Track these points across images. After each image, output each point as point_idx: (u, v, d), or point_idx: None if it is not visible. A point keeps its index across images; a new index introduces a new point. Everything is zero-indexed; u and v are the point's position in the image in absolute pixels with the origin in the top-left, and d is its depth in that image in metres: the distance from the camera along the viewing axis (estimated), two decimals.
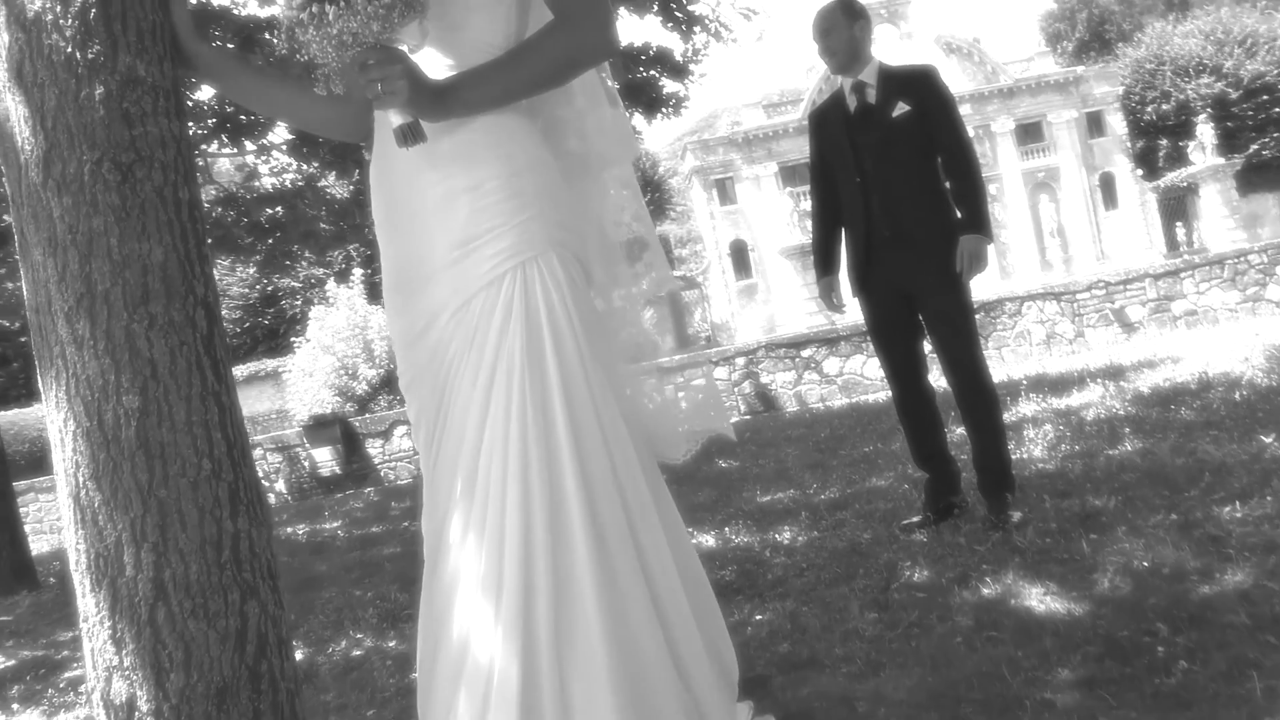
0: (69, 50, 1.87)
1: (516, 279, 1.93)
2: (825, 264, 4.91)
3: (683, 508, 2.22)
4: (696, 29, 7.61)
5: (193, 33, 2.07)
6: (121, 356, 1.84)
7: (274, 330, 45.00)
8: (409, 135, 1.83)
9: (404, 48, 1.86)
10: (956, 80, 48.67)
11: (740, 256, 51.23)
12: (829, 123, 4.85)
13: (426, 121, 1.85)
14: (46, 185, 1.87)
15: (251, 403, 37.72)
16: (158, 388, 1.86)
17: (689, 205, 58.72)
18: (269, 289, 45.37)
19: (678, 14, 6.89)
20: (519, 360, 1.91)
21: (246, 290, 45.76)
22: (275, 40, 1.85)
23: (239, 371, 40.66)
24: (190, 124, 3.45)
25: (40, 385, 1.93)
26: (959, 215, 4.51)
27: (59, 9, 1.87)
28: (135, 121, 1.90)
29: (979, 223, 4.47)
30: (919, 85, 4.60)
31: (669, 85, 9.20)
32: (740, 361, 15.41)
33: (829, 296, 4.91)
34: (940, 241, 4.50)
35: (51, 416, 1.91)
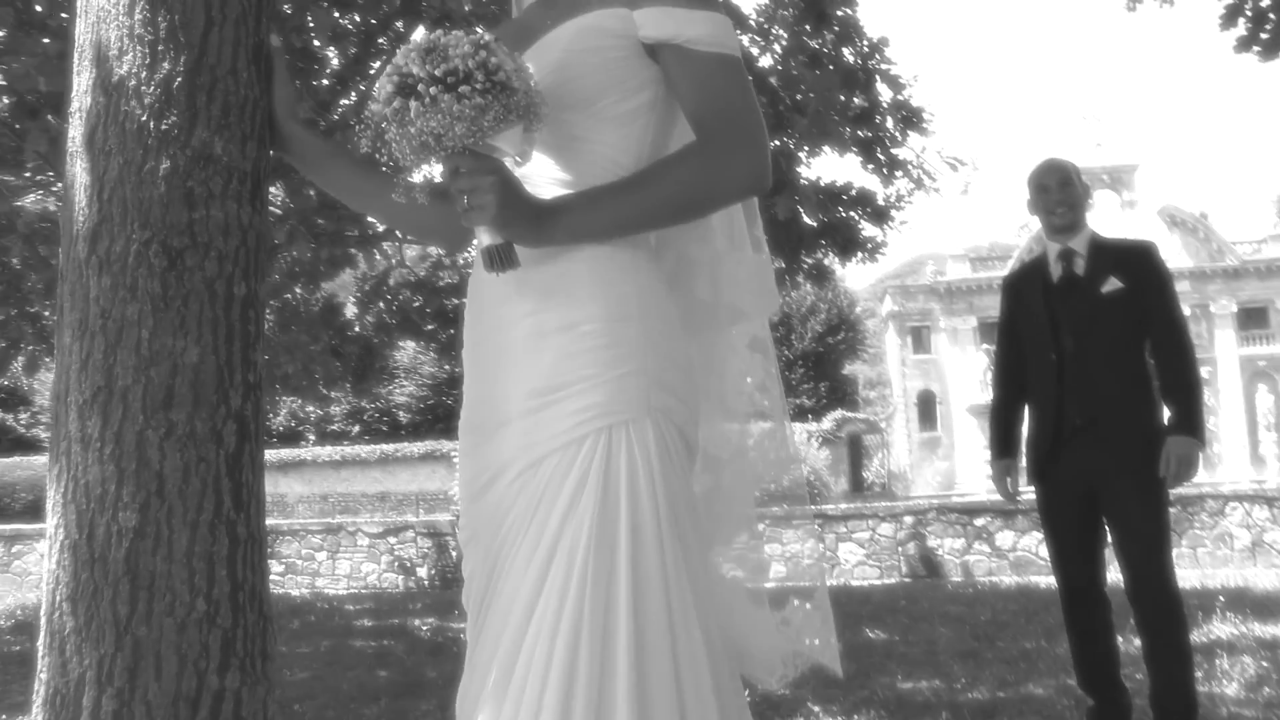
0: (143, 118, 1.68)
1: (599, 444, 1.57)
2: (1004, 445, 4.38)
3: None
4: (898, 174, 7.29)
5: (293, 113, 1.87)
6: (128, 465, 1.60)
7: (455, 411, 46.19)
8: (496, 259, 1.53)
9: (509, 159, 1.58)
10: (1178, 256, 46.50)
11: (927, 407, 49.74)
12: (1027, 290, 4.37)
13: (520, 245, 1.56)
14: (90, 262, 1.67)
15: (422, 480, 38.68)
16: (161, 506, 1.59)
17: (882, 348, 57.76)
18: (456, 371, 46.76)
19: (880, 156, 6.59)
20: (584, 544, 1.55)
21: (435, 370, 47.32)
22: (361, 140, 1.68)
23: (416, 448, 41.83)
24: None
25: (47, 482, 1.70)
26: (1166, 411, 3.93)
27: (144, 74, 1.70)
28: (199, 203, 1.68)
29: (1191, 424, 3.88)
30: (1135, 261, 4.10)
31: (868, 229, 8.87)
32: (908, 520, 14.58)
33: (1003, 482, 4.37)
34: (1141, 438, 3.93)
35: (49, 520, 1.67)
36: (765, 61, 7.48)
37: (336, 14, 6.46)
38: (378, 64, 7.00)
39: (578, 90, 1.64)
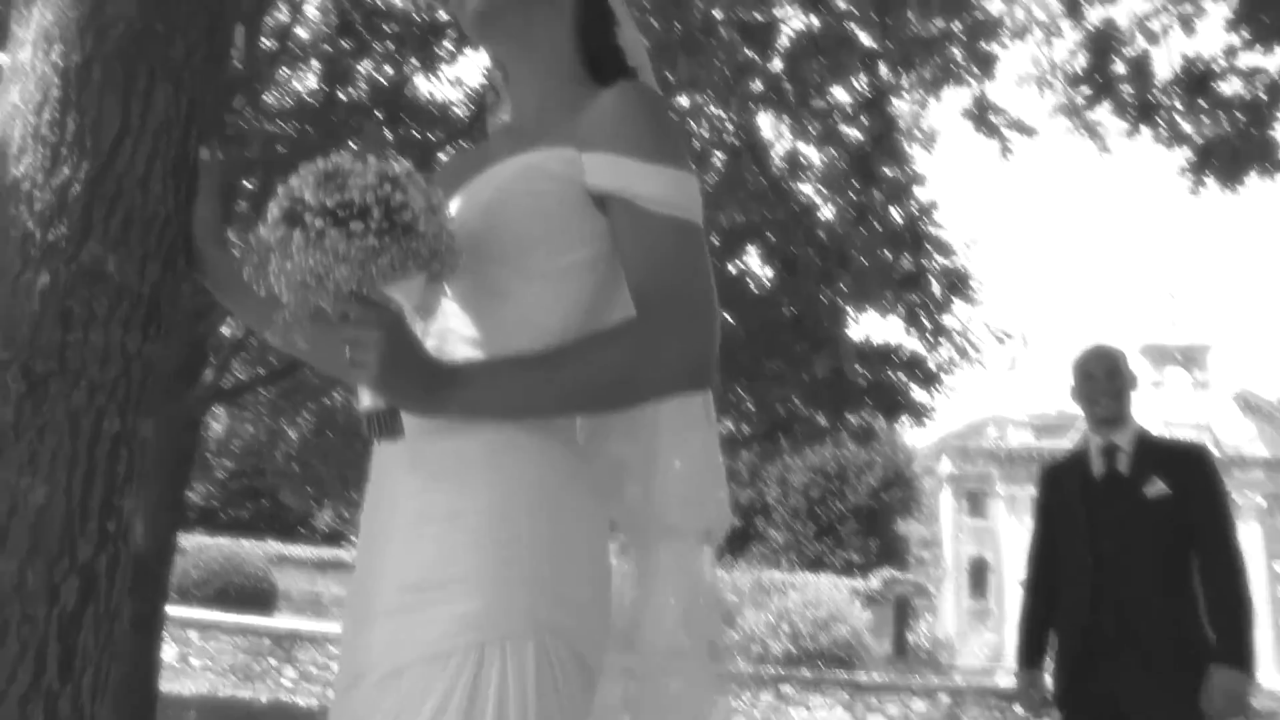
0: (29, 226, 1.51)
1: (468, 663, 1.29)
2: (1030, 653, 4.00)
3: None
4: (942, 341, 7.04)
5: (214, 234, 1.69)
6: None
7: None
8: (375, 425, 1.30)
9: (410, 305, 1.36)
10: (1252, 443, 45.09)
11: (979, 575, 48.17)
12: (1065, 485, 4.04)
13: (405, 411, 1.32)
14: None
15: None
16: None
17: (937, 509, 56.44)
18: None
19: (924, 321, 6.36)
20: None
21: None
22: (244, 266, 1.48)
23: None
24: None
25: None
26: (1213, 636, 3.54)
27: (39, 178, 1.53)
28: (76, 325, 1.49)
29: (1240, 654, 3.48)
30: (1185, 465, 3.77)
31: (917, 392, 8.57)
32: (944, 699, 13.83)
33: (1027, 694, 3.98)
34: (1182, 659, 3.54)
35: None
36: (827, 213, 7.38)
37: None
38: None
39: (506, 238, 1.41)
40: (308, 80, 8.77)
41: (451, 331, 1.43)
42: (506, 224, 1.41)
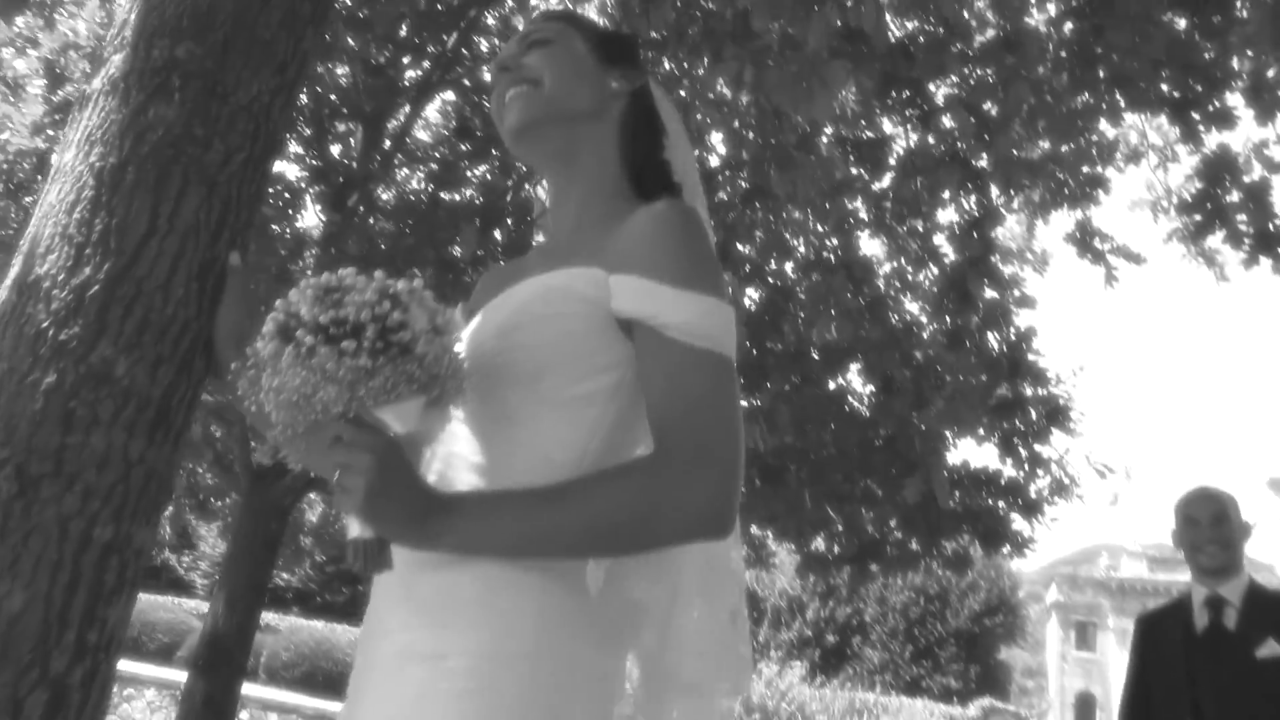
0: (44, 324, 1.49)
1: None
2: None
3: None
4: (1040, 471, 6.72)
5: (236, 340, 1.65)
6: None
7: None
8: (361, 556, 1.21)
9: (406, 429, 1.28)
10: None
11: (1085, 711, 45.71)
12: (1164, 638, 3.74)
13: (394, 543, 1.24)
14: None
15: None
16: None
17: (1041, 638, 53.98)
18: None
19: (1020, 450, 6.08)
20: None
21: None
22: (239, 381, 1.44)
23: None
24: None
25: None
26: None
27: (60, 276, 1.53)
28: (77, 427, 1.46)
29: None
30: None
31: (1017, 521, 8.19)
32: None
33: None
34: None
35: None
36: (927, 334, 7.19)
37: None
38: None
39: (522, 362, 1.32)
40: (415, 181, 9.05)
41: (457, 456, 1.35)
42: (522, 346, 1.33)
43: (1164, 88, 5.34)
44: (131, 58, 1.67)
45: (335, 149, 8.99)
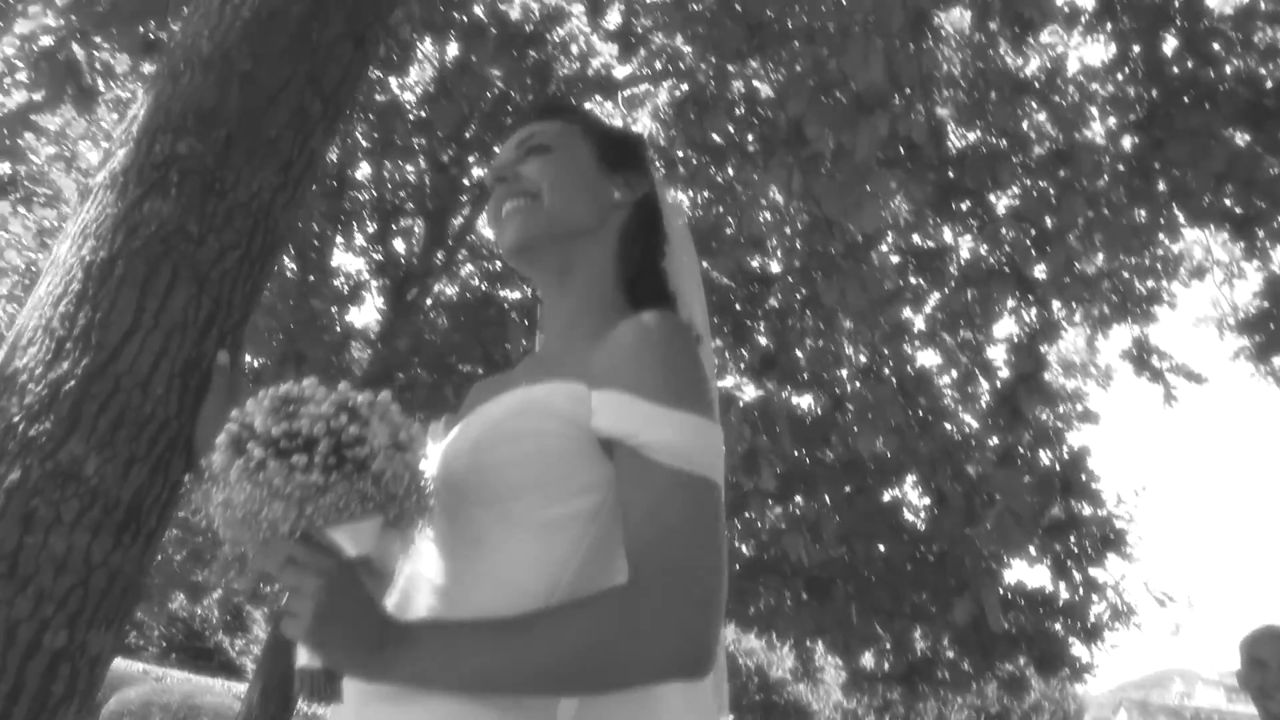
0: (15, 419, 1.46)
1: None
2: None
3: None
4: (1095, 597, 6.41)
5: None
6: None
7: None
8: (307, 685, 1.13)
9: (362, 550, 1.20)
10: None
11: None
12: None
13: (343, 673, 1.15)
14: None
15: None
16: None
17: None
18: None
19: (1074, 573, 5.81)
20: None
21: None
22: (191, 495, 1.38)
23: None
24: None
25: None
26: None
27: (38, 370, 1.50)
28: (37, 527, 1.41)
29: None
30: None
31: (1076, 645, 7.82)
32: None
33: None
34: None
35: None
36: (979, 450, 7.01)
37: None
38: None
39: (493, 481, 1.23)
40: (475, 279, 9.13)
41: (421, 578, 1.26)
42: (494, 464, 1.24)
43: (1227, 203, 5.21)
44: (134, 152, 1.66)
45: (398, 244, 9.15)
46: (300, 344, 5.73)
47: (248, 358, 6.52)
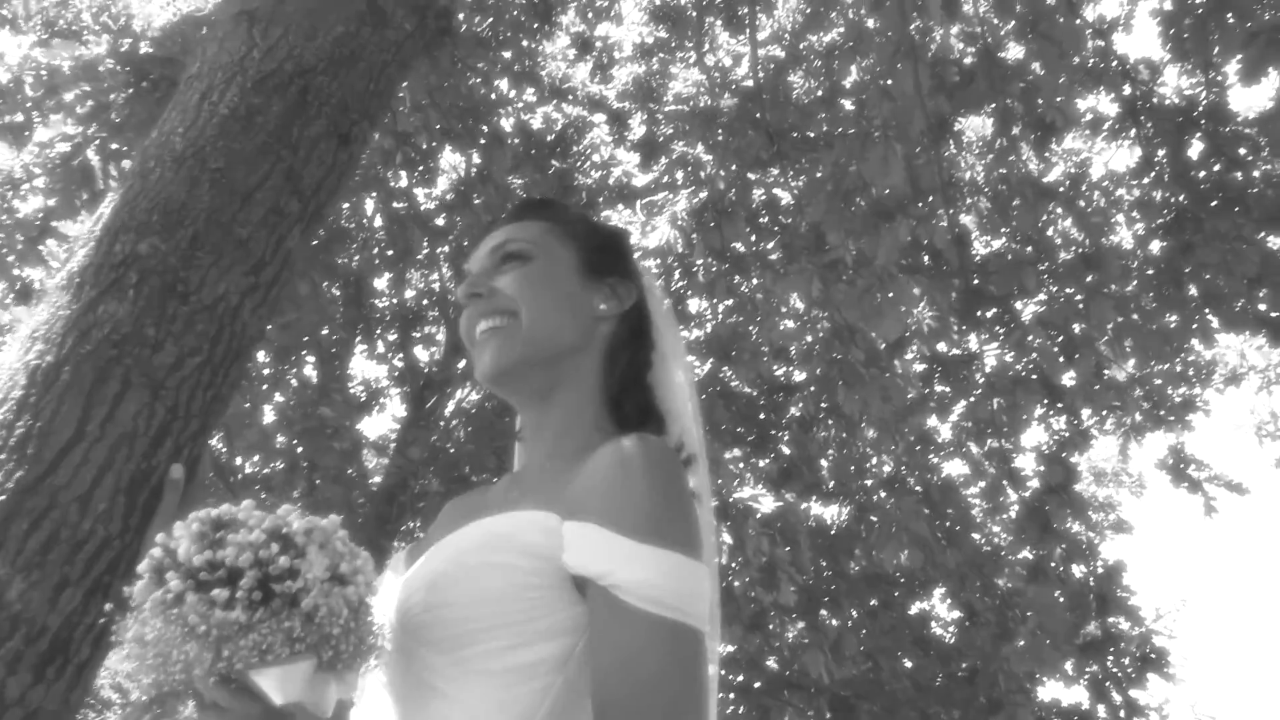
0: None
1: None
2: None
3: None
4: None
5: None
6: None
7: None
8: None
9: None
10: None
11: None
12: None
13: None
14: None
15: None
16: None
17: None
18: None
19: (1114, 694, 5.49)
20: None
21: None
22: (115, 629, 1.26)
23: None
24: None
25: None
26: None
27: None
28: None
29: None
30: None
31: None
32: None
33: None
34: None
35: None
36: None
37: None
38: None
39: (449, 621, 1.09)
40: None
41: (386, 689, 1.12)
42: (451, 603, 1.09)
43: (1261, 307, 5.06)
44: (94, 252, 1.57)
45: (419, 352, 9.10)
46: (309, 452, 5.62)
47: (253, 465, 6.42)
